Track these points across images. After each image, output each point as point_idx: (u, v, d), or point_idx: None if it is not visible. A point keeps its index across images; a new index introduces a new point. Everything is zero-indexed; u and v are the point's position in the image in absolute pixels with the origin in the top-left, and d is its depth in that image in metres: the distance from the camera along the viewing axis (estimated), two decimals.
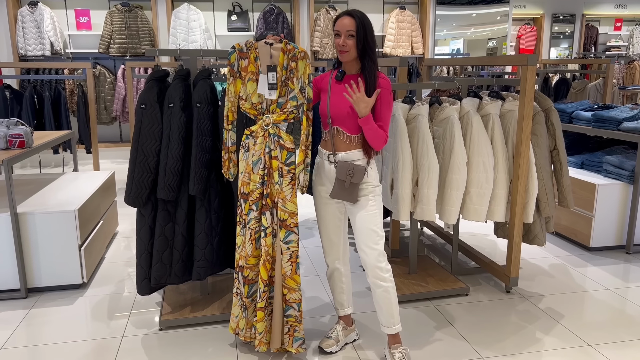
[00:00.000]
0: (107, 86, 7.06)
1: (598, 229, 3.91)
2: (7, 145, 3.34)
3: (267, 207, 2.39)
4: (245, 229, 2.44)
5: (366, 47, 2.27)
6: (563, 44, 9.93)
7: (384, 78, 2.34)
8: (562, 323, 2.90)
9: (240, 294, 2.50)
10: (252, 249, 2.44)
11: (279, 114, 2.39)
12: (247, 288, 2.48)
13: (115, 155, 7.34)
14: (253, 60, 2.37)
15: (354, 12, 2.28)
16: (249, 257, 2.44)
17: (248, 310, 2.51)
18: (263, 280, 2.40)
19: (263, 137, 2.38)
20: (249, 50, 2.37)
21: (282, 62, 2.36)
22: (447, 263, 3.75)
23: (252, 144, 2.39)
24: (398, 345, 2.46)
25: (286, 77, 2.38)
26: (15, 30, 6.80)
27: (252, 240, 2.43)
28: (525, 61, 2.90)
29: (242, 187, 2.43)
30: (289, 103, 2.40)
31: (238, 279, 2.49)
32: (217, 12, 7.51)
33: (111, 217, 4.11)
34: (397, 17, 7.82)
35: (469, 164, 2.99)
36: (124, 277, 3.50)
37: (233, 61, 2.37)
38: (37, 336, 2.75)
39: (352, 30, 2.23)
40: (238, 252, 2.48)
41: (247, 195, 2.42)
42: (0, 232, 3.05)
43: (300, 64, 2.37)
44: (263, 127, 2.39)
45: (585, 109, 4.48)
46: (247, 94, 2.40)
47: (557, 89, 7.40)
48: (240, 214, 2.46)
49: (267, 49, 2.36)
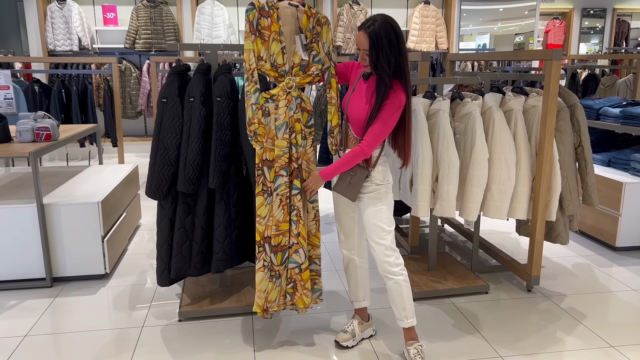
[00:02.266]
0: (132, 81, 7.17)
1: (624, 228, 3.81)
2: (34, 138, 3.42)
3: (299, 169, 2.41)
4: (272, 196, 2.38)
5: (378, 65, 2.20)
6: (593, 39, 9.68)
7: (395, 93, 2.21)
8: (584, 323, 2.84)
9: (269, 265, 2.45)
10: (284, 214, 2.40)
11: (303, 77, 2.38)
12: (279, 256, 2.44)
13: (140, 148, 7.46)
14: (275, 20, 2.29)
15: (369, 28, 2.17)
16: (281, 223, 2.40)
17: (282, 277, 2.48)
18: (304, 238, 2.45)
19: (286, 99, 2.34)
20: (271, 9, 2.28)
21: (307, 25, 2.35)
22: (467, 260, 3.71)
23: (272, 108, 2.33)
24: (414, 342, 2.45)
25: (311, 40, 2.38)
26: (44, 26, 6.96)
27: (283, 205, 2.39)
28: (550, 56, 2.84)
29: (265, 153, 2.35)
30: (314, 66, 2.39)
31: (265, 251, 2.44)
32: (240, 7, 7.56)
33: (134, 209, 4.18)
34: (421, 11, 7.74)
35: (490, 160, 2.95)
36: (145, 268, 3.56)
37: (253, 18, 2.26)
38: (60, 324, 2.82)
39: (366, 49, 2.21)
40: (263, 223, 2.41)
41: (272, 162, 2.36)
42: (27, 223, 3.13)
43: (324, 29, 2.40)
44: (285, 90, 2.34)
45: (614, 105, 4.37)
46: (268, 55, 2.31)
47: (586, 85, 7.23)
48: (263, 183, 2.38)
49: (292, 10, 2.32)
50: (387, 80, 2.20)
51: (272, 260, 2.45)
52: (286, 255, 2.46)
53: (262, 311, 2.51)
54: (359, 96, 2.34)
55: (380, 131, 2.24)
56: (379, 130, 2.24)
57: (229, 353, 2.54)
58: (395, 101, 2.21)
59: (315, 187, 2.42)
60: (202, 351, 2.56)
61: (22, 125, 3.41)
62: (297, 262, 2.45)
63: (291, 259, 2.46)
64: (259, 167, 2.39)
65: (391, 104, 2.21)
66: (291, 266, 2.46)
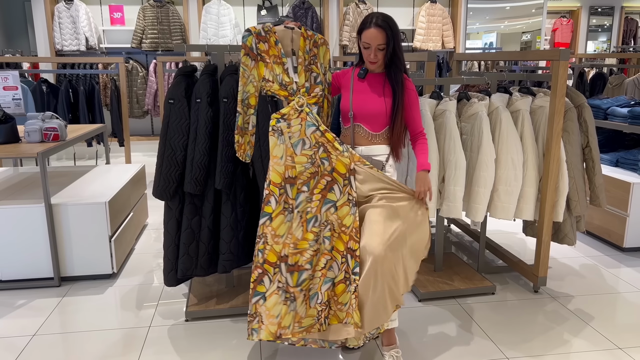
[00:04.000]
0: (139, 80, 7.20)
1: (632, 228, 3.79)
2: (42, 138, 3.45)
3: (333, 182, 2.31)
4: (293, 214, 2.33)
5: (394, 57, 2.29)
6: (601, 38, 9.62)
7: (407, 79, 2.37)
8: (591, 325, 2.83)
9: (285, 286, 2.30)
10: (303, 231, 2.32)
11: (309, 98, 2.40)
12: (295, 276, 2.30)
13: (147, 148, 7.48)
14: (274, 44, 2.36)
15: (383, 23, 2.23)
16: (299, 241, 2.31)
17: (297, 301, 2.30)
18: (340, 252, 2.29)
19: (299, 117, 2.33)
20: (268, 34, 2.36)
21: (304, 47, 2.39)
22: (473, 261, 3.70)
23: (285, 127, 2.32)
24: (392, 346, 2.41)
25: (309, 62, 2.41)
26: (52, 26, 6.99)
27: (302, 222, 2.32)
28: (557, 56, 2.83)
29: (287, 171, 2.32)
30: (317, 87, 2.43)
31: (280, 272, 2.31)
32: (247, 6, 7.56)
33: (141, 209, 4.20)
34: (427, 10, 7.71)
35: (497, 161, 2.94)
36: (152, 268, 3.58)
37: (250, 44, 2.35)
38: (68, 323, 2.84)
39: (383, 44, 2.25)
40: (281, 242, 2.31)
41: (294, 179, 2.32)
42: (35, 223, 3.16)
43: (321, 50, 2.44)
44: (296, 109, 2.34)
45: (622, 104, 4.34)
46: (274, 75, 2.38)
47: (593, 84, 7.18)
48: (285, 201, 2.32)
49: (288, 33, 2.37)
50: (403, 70, 2.33)
51: (287, 281, 2.31)
52: (303, 277, 2.32)
53: (276, 338, 2.31)
54: (366, 94, 2.36)
55: (419, 114, 2.41)
56: (417, 114, 2.39)
57: (236, 353, 2.55)
58: (411, 86, 2.36)
59: (429, 185, 2.29)
60: (209, 351, 2.57)
61: (31, 125, 3.43)
62: (331, 277, 2.31)
63: (326, 279, 2.30)
64: (281, 185, 2.32)
65: (411, 90, 2.35)
66: (325, 288, 2.30)
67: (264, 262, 2.34)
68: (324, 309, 2.29)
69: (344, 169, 2.30)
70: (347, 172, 2.31)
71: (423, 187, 2.27)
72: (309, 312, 2.31)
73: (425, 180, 2.28)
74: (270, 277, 2.33)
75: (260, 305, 2.32)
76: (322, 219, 2.33)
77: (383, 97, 2.33)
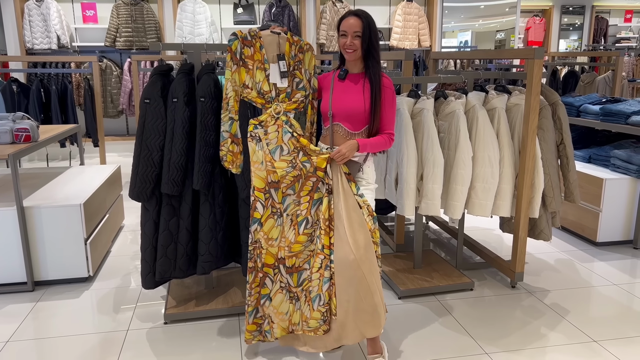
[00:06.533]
0: (113, 79, 7.07)
1: (605, 223, 3.88)
2: (13, 139, 3.35)
3: (318, 181, 2.32)
4: (282, 217, 2.36)
5: (370, 47, 2.31)
6: (572, 36, 9.81)
7: (386, 77, 2.39)
8: (567, 319, 2.88)
9: (287, 286, 2.38)
10: (295, 234, 2.35)
11: (289, 104, 2.40)
12: (295, 277, 2.37)
13: (122, 148, 7.36)
14: (258, 49, 2.36)
15: (360, 12, 2.32)
16: (293, 244, 2.35)
17: (301, 300, 2.37)
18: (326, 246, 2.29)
19: (275, 124, 2.34)
20: (254, 39, 2.36)
21: (290, 52, 2.39)
22: (452, 258, 3.74)
23: (262, 134, 2.35)
24: (377, 356, 2.37)
25: (293, 68, 2.41)
26: (22, 24, 6.82)
27: (293, 225, 2.35)
28: (532, 54, 2.87)
29: (269, 176, 2.34)
30: (299, 93, 2.42)
31: (280, 272, 2.37)
32: (223, 4, 7.49)
33: (117, 210, 4.12)
34: (403, 9, 7.76)
35: (474, 158, 2.97)
36: (129, 270, 3.52)
37: (235, 49, 2.34)
38: (43, 329, 2.78)
39: (359, 31, 2.29)
40: (276, 245, 2.36)
41: (278, 183, 2.34)
42: (7, 226, 3.07)
43: (307, 56, 2.44)
44: (273, 116, 2.35)
45: (594, 102, 4.43)
46: (254, 83, 2.37)
47: (566, 82, 7.32)
48: (272, 205, 2.36)
49: (275, 38, 2.37)
50: (378, 66, 2.34)
51: (289, 282, 2.39)
52: (303, 277, 2.37)
53: (289, 332, 2.42)
54: (345, 93, 2.38)
55: (394, 116, 2.41)
56: (391, 113, 2.38)
57: (216, 355, 2.53)
58: (389, 84, 2.37)
59: (349, 154, 2.27)
60: (188, 354, 2.54)
61: (1, 126, 3.33)
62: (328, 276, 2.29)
63: (324, 279, 2.29)
64: (265, 190, 2.34)
65: (388, 88, 2.36)
66: (325, 287, 2.28)
67: (262, 266, 2.39)
68: (327, 309, 2.31)
69: (324, 162, 2.32)
70: (326, 164, 2.32)
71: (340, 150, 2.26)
72: (313, 314, 2.33)
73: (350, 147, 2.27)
74: (272, 278, 2.39)
75: (268, 307, 2.41)
76: (313, 220, 2.36)
77: (362, 95, 2.34)
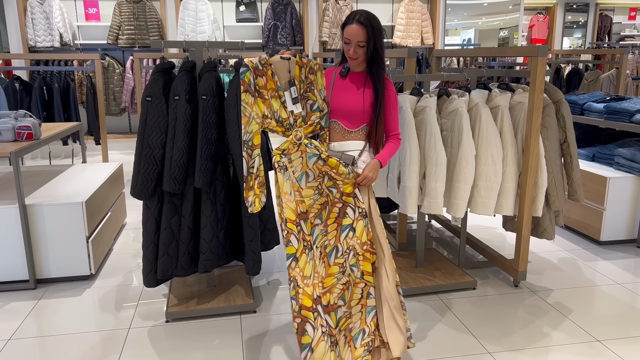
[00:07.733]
0: (115, 77, 7.07)
1: (609, 222, 3.86)
2: (15, 137, 3.35)
3: (345, 206, 2.24)
4: (313, 250, 2.23)
5: (375, 55, 2.27)
6: (576, 34, 9.77)
7: (388, 79, 2.38)
8: (570, 318, 2.87)
9: (328, 329, 2.18)
10: (326, 267, 2.22)
11: (305, 127, 2.30)
12: (333, 316, 2.20)
13: (124, 146, 7.36)
14: (271, 77, 2.25)
15: (365, 20, 2.22)
16: (325, 278, 2.21)
17: (340, 344, 2.20)
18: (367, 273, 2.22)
19: (299, 151, 2.25)
20: (265, 67, 2.24)
21: (300, 76, 2.29)
22: (454, 256, 3.72)
23: (287, 162, 2.25)
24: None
25: (305, 90, 2.31)
26: (24, 22, 6.82)
27: (322, 258, 2.22)
28: (536, 52, 2.85)
29: (298, 206, 2.23)
30: (314, 115, 2.32)
31: (320, 315, 2.18)
32: (225, 2, 7.48)
33: (119, 208, 4.12)
34: (406, 7, 7.73)
35: (477, 156, 2.96)
36: (131, 268, 3.52)
37: (248, 80, 2.21)
38: (45, 327, 2.78)
39: (363, 41, 2.22)
40: (310, 283, 2.20)
41: (306, 214, 2.24)
42: (9, 224, 3.07)
43: (318, 75, 2.33)
44: (295, 142, 2.25)
45: (597, 100, 4.41)
46: (272, 112, 2.26)
47: (570, 80, 7.29)
48: (303, 238, 2.23)
49: (285, 64, 2.26)
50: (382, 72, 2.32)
51: (328, 323, 2.20)
52: (338, 315, 2.21)
53: None
54: (345, 91, 2.34)
55: (397, 117, 2.40)
56: (395, 116, 2.38)
57: (217, 353, 2.52)
58: (392, 87, 2.37)
59: (375, 176, 2.25)
60: (190, 352, 2.53)
61: (3, 124, 3.33)
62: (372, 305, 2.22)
63: (368, 309, 2.21)
64: (297, 222, 2.23)
65: (391, 90, 2.35)
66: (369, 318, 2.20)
67: (300, 309, 2.18)
68: (373, 339, 2.22)
69: (351, 188, 2.24)
70: (353, 189, 2.25)
71: (368, 172, 2.23)
72: (356, 353, 2.20)
73: (374, 167, 2.26)
74: (312, 324, 2.18)
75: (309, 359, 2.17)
76: (343, 248, 2.24)
77: (362, 94, 2.31)
